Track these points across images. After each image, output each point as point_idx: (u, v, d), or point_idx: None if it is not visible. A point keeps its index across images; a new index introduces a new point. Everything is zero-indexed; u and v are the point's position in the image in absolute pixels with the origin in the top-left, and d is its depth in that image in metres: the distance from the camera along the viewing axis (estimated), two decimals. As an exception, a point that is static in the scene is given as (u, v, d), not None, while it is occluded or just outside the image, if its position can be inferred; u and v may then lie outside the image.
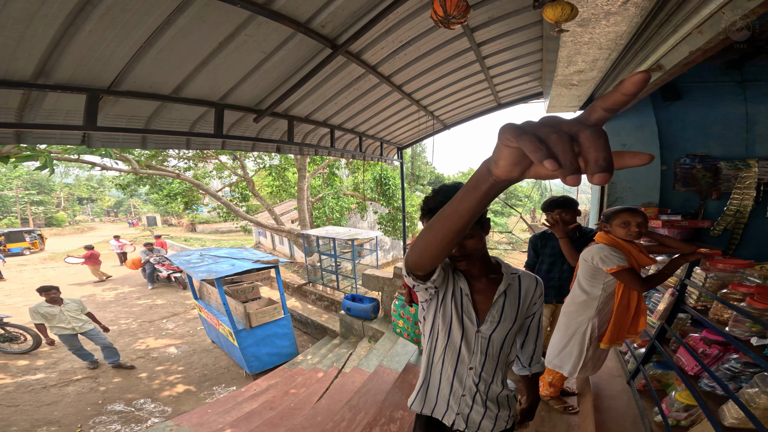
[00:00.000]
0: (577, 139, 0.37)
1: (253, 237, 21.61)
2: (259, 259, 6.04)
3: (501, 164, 0.45)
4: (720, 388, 1.44)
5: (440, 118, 4.82)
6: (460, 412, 1.15)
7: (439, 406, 1.18)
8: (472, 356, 1.10)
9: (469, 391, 1.13)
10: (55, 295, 4.80)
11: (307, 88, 2.80)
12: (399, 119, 4.39)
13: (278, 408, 3.90)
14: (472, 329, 1.08)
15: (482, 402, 1.14)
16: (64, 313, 4.85)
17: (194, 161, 11.44)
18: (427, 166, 24.19)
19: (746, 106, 3.31)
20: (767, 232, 3.33)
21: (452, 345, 1.10)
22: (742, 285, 1.61)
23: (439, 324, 1.10)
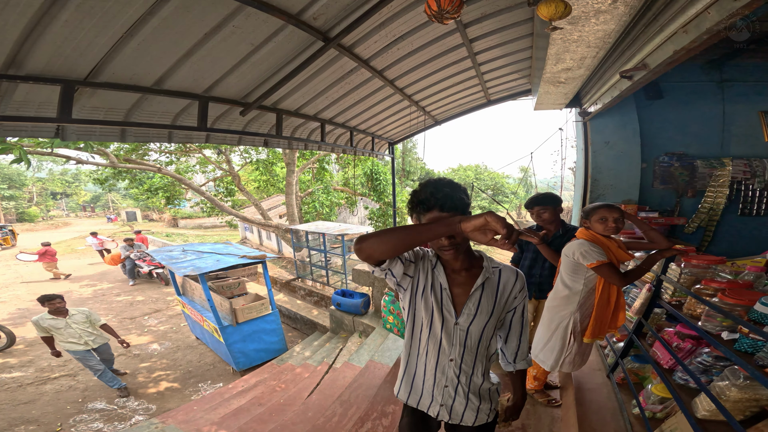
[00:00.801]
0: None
1: (239, 232, 21.23)
2: (245, 255, 5.95)
3: (470, 226, 0.84)
4: (693, 381, 1.47)
5: (432, 114, 4.82)
6: (444, 403, 1.19)
7: (424, 397, 1.21)
8: (452, 348, 1.13)
9: (451, 382, 1.16)
10: (59, 305, 4.14)
11: (297, 81, 2.73)
12: (390, 114, 4.36)
13: (267, 404, 3.87)
14: (451, 321, 1.12)
15: (464, 394, 1.17)
16: (72, 326, 4.20)
17: (176, 155, 11.07)
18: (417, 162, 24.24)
19: (724, 105, 3.42)
20: (739, 229, 3.49)
21: (434, 337, 1.13)
22: (714, 281, 1.66)
23: (422, 316, 1.14)
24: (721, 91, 3.43)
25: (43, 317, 4.14)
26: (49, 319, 4.12)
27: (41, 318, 4.13)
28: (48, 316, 4.13)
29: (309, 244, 8.74)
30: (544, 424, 2.16)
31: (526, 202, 2.39)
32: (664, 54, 1.80)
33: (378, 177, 11.60)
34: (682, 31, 1.57)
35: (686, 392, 1.53)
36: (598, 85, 3.01)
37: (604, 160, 3.75)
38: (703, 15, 1.39)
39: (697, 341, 1.66)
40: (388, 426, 2.53)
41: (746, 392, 1.21)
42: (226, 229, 22.67)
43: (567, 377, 2.37)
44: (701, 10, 1.38)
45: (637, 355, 2.09)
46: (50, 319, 4.12)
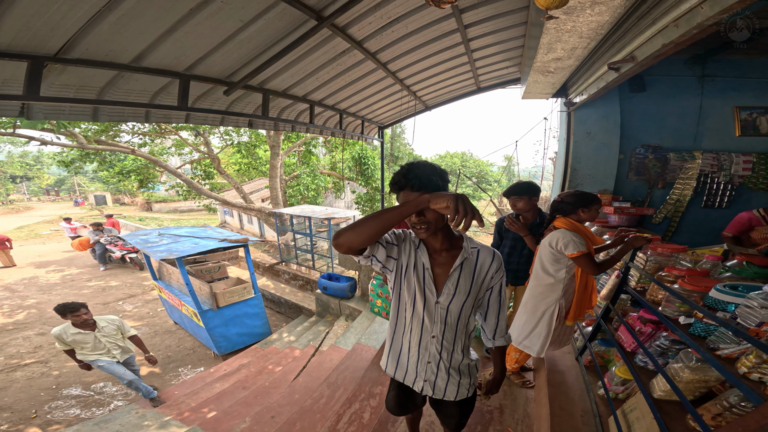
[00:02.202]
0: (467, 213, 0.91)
1: (218, 216, 20.62)
2: (225, 238, 5.82)
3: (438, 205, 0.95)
4: (652, 364, 1.53)
5: (422, 99, 4.77)
6: (427, 378, 1.26)
7: (409, 373, 1.29)
8: (434, 325, 1.19)
9: (433, 358, 1.23)
10: (86, 317, 3.42)
11: (286, 61, 2.63)
12: (382, 98, 4.29)
13: (252, 387, 3.88)
14: (432, 300, 1.18)
15: (446, 369, 1.24)
16: (101, 340, 3.56)
17: (150, 137, 10.48)
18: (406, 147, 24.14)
19: (702, 100, 3.52)
20: (701, 220, 3.69)
21: (417, 315, 1.20)
22: (676, 268, 1.72)
23: (405, 296, 1.20)
24: (701, 85, 3.51)
25: (67, 331, 3.41)
26: (75, 333, 3.42)
27: (64, 332, 3.41)
28: (73, 330, 3.41)
29: (294, 228, 8.64)
30: (520, 404, 2.29)
31: (504, 191, 2.43)
32: (652, 47, 1.83)
33: (366, 161, 11.47)
34: (673, 24, 1.60)
35: (646, 374, 1.60)
36: (585, 76, 3.06)
37: (584, 150, 3.84)
38: (696, 10, 1.42)
39: (657, 325, 1.72)
40: (376, 407, 2.59)
41: (697, 374, 1.29)
42: (204, 213, 21.96)
43: (540, 360, 2.48)
44: (695, 5, 1.41)
45: (603, 339, 2.17)
46: (76, 334, 3.42)
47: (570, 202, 1.89)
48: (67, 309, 3.36)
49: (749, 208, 3.53)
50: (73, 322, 3.41)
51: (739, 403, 1.07)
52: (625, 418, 1.52)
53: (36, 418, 3.83)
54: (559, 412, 1.84)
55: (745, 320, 1.09)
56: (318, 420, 2.63)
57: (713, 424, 1.11)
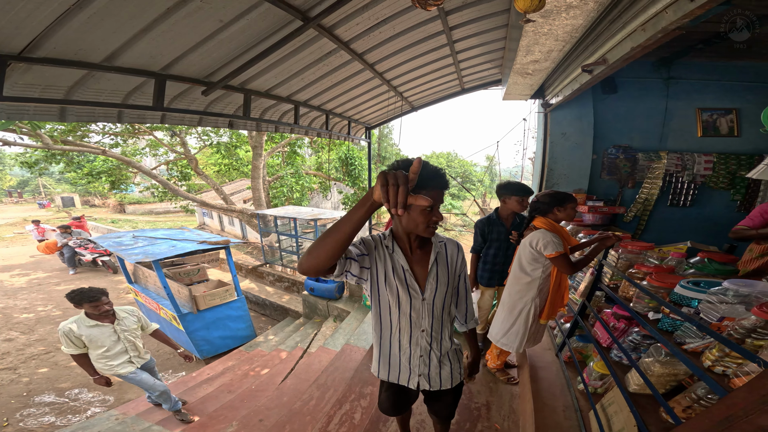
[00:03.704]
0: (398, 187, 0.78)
1: (197, 218, 20.03)
2: (205, 240, 5.70)
3: (377, 194, 0.82)
4: (626, 358, 1.56)
5: (409, 100, 4.78)
6: (422, 372, 1.30)
7: (402, 372, 1.31)
8: (422, 320, 1.24)
9: (425, 351, 1.28)
10: (107, 308, 2.80)
11: (270, 61, 2.58)
12: (369, 99, 4.27)
13: (237, 391, 3.82)
14: (418, 298, 1.22)
15: (438, 359, 1.30)
16: (119, 336, 2.90)
17: (123, 137, 10.04)
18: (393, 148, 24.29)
19: (667, 101, 3.67)
20: (667, 218, 3.85)
21: (404, 315, 1.22)
22: (644, 265, 1.77)
23: (389, 299, 1.21)
24: (667, 87, 3.64)
25: (81, 324, 2.74)
26: (92, 326, 2.76)
27: (77, 325, 2.73)
28: (90, 323, 2.76)
29: (278, 230, 8.51)
30: (505, 400, 2.37)
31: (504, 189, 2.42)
32: (622, 50, 1.91)
33: (353, 162, 11.43)
34: (641, 29, 1.67)
35: (621, 368, 1.64)
36: (561, 78, 3.15)
37: (560, 150, 3.94)
38: (661, 14, 1.49)
39: (630, 321, 1.77)
40: (367, 407, 2.60)
41: (667, 367, 1.33)
42: (181, 214, 21.24)
43: (523, 357, 2.56)
44: (660, 10, 1.48)
45: (581, 335, 2.21)
46: (93, 327, 2.77)
47: (546, 202, 1.94)
48: (84, 297, 2.67)
49: (711, 208, 3.76)
50: (89, 312, 2.75)
51: (706, 395, 1.13)
52: (604, 412, 1.57)
53: (8, 426, 3.64)
54: (542, 408, 1.90)
55: (707, 315, 1.15)
56: (308, 422, 2.61)
57: (684, 416, 1.15)
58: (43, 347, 5.43)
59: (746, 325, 0.99)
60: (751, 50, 3.11)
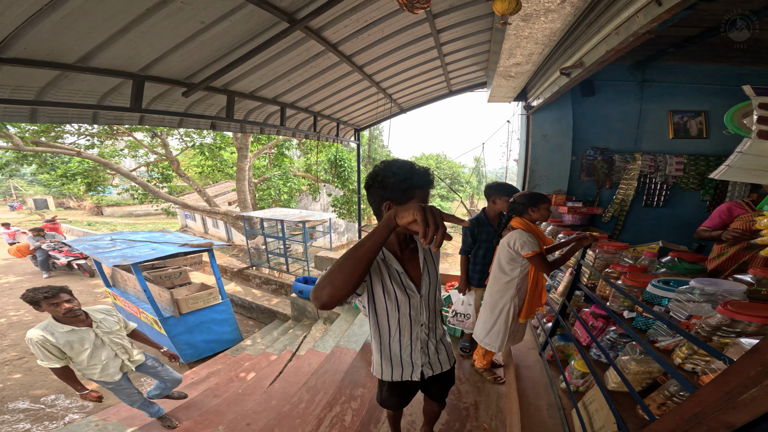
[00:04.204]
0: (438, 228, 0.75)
1: (179, 220, 19.53)
2: (187, 243, 5.58)
3: (404, 220, 0.79)
4: (604, 357, 1.58)
5: (398, 102, 4.79)
6: (424, 363, 1.37)
7: (405, 369, 1.35)
8: (421, 316, 1.30)
9: (424, 343, 1.35)
10: (69, 305, 2.39)
11: (255, 63, 2.54)
12: (358, 100, 4.26)
13: (224, 395, 3.73)
14: (416, 297, 1.26)
15: (434, 346, 1.39)
16: (104, 341, 2.60)
17: (100, 138, 9.71)
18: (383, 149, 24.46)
19: (641, 104, 3.76)
20: (642, 219, 3.95)
21: (404, 315, 1.26)
22: (620, 265, 1.80)
23: (386, 305, 1.22)
24: (641, 90, 3.74)
25: (54, 330, 2.36)
26: (66, 332, 2.39)
27: (48, 332, 2.34)
28: (63, 328, 2.38)
29: (265, 232, 8.39)
30: (493, 400, 2.40)
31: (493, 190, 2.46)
32: (597, 53, 1.97)
33: (342, 164, 11.35)
34: (614, 33, 1.74)
35: (600, 367, 1.66)
36: (541, 81, 3.22)
37: (541, 152, 4.02)
38: (633, 18, 1.56)
39: (607, 320, 1.79)
40: (357, 409, 2.59)
41: (642, 365, 1.36)
42: (163, 217, 20.64)
43: (508, 357, 2.60)
44: (632, 14, 1.55)
45: (562, 335, 2.24)
46: (69, 333, 2.40)
47: (521, 203, 1.98)
48: (39, 294, 2.31)
49: (682, 208, 3.88)
50: (54, 315, 2.37)
51: (678, 392, 1.17)
52: (585, 410, 1.60)
53: (-20, 432, 3.47)
54: (527, 407, 1.94)
55: (676, 313, 1.19)
56: (298, 425, 2.59)
57: (659, 413, 1.18)
58: (16, 353, 5.21)
59: (712, 323, 1.04)
60: (718, 54, 3.24)
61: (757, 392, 0.68)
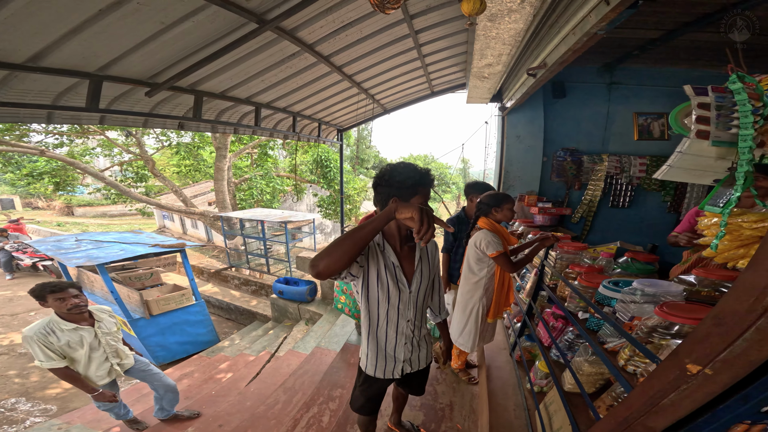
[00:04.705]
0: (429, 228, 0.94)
1: (156, 221, 18.91)
2: (158, 243, 5.48)
3: (403, 215, 0.97)
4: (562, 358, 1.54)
5: (381, 102, 4.76)
6: (406, 358, 1.42)
7: (389, 364, 1.40)
8: (408, 311, 1.35)
9: (408, 339, 1.40)
10: (76, 301, 2.28)
11: (224, 63, 2.48)
12: (339, 101, 4.22)
13: (195, 396, 3.64)
14: (406, 292, 1.32)
15: (417, 343, 1.44)
16: (102, 341, 2.45)
17: (69, 136, 9.31)
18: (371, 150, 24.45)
19: (609, 106, 3.83)
20: (609, 219, 4.03)
21: (393, 307, 1.32)
22: (579, 265, 1.79)
23: (379, 294, 1.29)
24: (609, 92, 3.81)
25: (55, 327, 2.23)
26: (71, 330, 2.26)
27: (49, 329, 2.21)
28: (68, 325, 2.26)
29: (245, 232, 8.25)
30: (467, 400, 2.42)
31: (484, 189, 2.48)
32: (558, 54, 2.02)
33: (328, 164, 11.26)
34: (572, 33, 1.78)
35: (559, 367, 1.64)
36: (513, 82, 3.27)
37: (514, 152, 4.07)
38: (587, 18, 1.61)
39: (566, 320, 1.77)
40: (336, 409, 2.58)
41: (594, 366, 1.35)
42: (139, 217, 19.91)
43: (481, 357, 2.63)
44: (586, 14, 1.60)
45: (529, 335, 2.23)
46: (72, 331, 2.27)
47: (486, 203, 2.01)
48: (46, 288, 2.20)
49: (646, 209, 3.95)
50: (58, 311, 2.24)
51: (622, 394, 1.17)
52: (546, 411, 1.59)
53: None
54: (496, 407, 1.96)
55: (621, 315, 1.21)
56: (272, 426, 2.56)
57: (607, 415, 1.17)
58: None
59: (650, 324, 1.09)
60: (679, 57, 3.35)
61: (675, 397, 0.70)
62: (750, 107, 1.07)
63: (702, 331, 0.65)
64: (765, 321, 0.53)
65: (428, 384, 2.54)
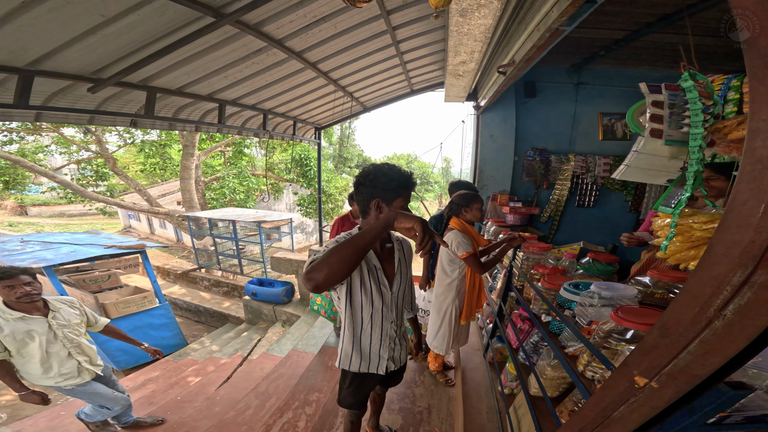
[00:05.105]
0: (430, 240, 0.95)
1: (121, 221, 17.92)
2: (114, 245, 5.23)
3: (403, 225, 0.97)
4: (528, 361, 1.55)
5: (360, 100, 4.64)
6: (389, 357, 1.43)
7: (373, 361, 1.41)
8: (391, 312, 1.36)
9: (391, 338, 1.41)
10: (29, 289, 2.06)
11: (178, 57, 2.32)
12: (315, 98, 4.07)
13: (160, 402, 3.47)
14: (388, 294, 1.33)
15: (398, 341, 1.46)
16: (57, 334, 2.16)
17: (18, 133, 8.70)
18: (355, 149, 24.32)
19: (576, 106, 3.87)
20: (575, 219, 4.10)
21: (376, 310, 1.32)
22: (543, 266, 1.75)
23: (362, 298, 1.28)
24: (576, 92, 3.85)
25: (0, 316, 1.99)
26: (17, 319, 2.01)
27: None
28: (14, 314, 2.01)
29: (218, 232, 7.96)
30: (444, 403, 2.41)
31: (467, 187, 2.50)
32: (524, 50, 2.01)
33: (308, 163, 11.01)
34: (536, 29, 1.77)
35: (526, 371, 1.62)
36: (486, 81, 3.27)
37: (488, 152, 4.08)
38: (549, 14, 1.60)
39: (531, 323, 1.74)
40: (312, 414, 2.51)
41: (557, 371, 1.34)
42: (100, 217, 18.74)
43: (458, 358, 2.64)
44: (549, 9, 1.59)
45: (500, 336, 2.21)
46: (19, 320, 2.02)
47: (456, 203, 2.00)
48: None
49: (609, 208, 4.01)
50: (6, 299, 2.03)
51: (582, 400, 1.17)
52: (516, 414, 1.58)
53: None
54: (470, 410, 1.96)
55: (580, 318, 1.19)
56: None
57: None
58: None
59: (606, 328, 1.09)
60: (641, 57, 3.43)
61: (625, 410, 0.69)
62: (700, 105, 1.06)
63: (649, 341, 0.62)
64: (709, 333, 0.51)
65: (407, 387, 2.55)
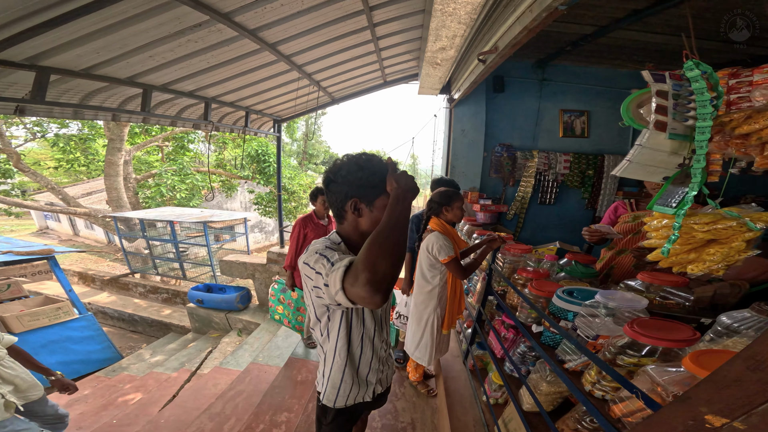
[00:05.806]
0: None
1: (35, 221, 15.64)
2: (12, 250, 4.53)
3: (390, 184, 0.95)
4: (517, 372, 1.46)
5: (328, 91, 4.22)
6: (379, 380, 1.27)
7: (362, 389, 1.24)
8: (383, 331, 1.25)
9: (382, 359, 1.27)
10: None
11: (83, 30, 1.81)
12: (274, 86, 3.58)
13: (91, 427, 3.04)
14: (378, 311, 1.19)
15: (386, 360, 1.32)
16: None
17: None
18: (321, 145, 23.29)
19: (540, 102, 3.88)
20: (538, 216, 4.14)
21: (367, 331, 1.17)
22: (526, 270, 1.65)
23: (353, 319, 1.13)
24: (540, 89, 3.85)
25: None
26: None
27: None
28: None
29: (155, 233, 7.10)
30: (428, 416, 2.29)
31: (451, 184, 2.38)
32: (511, 34, 1.90)
33: (267, 158, 10.17)
34: (528, 10, 1.66)
35: (514, 382, 1.52)
36: (462, 71, 3.15)
37: (460, 147, 4.00)
38: None
39: (517, 331, 1.63)
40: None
41: (553, 386, 1.25)
42: (5, 218, 16.08)
43: (438, 367, 2.52)
44: None
45: (480, 343, 2.11)
46: None
47: (436, 201, 1.88)
48: None
49: (569, 205, 4.08)
50: None
51: (584, 417, 1.08)
52: (506, 428, 1.49)
53: None
54: (456, 423, 1.84)
55: (583, 331, 1.09)
56: None
57: None
58: None
59: (618, 344, 0.96)
60: (602, 55, 3.49)
61: None
62: (708, 96, 0.97)
63: (729, 374, 0.52)
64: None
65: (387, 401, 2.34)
